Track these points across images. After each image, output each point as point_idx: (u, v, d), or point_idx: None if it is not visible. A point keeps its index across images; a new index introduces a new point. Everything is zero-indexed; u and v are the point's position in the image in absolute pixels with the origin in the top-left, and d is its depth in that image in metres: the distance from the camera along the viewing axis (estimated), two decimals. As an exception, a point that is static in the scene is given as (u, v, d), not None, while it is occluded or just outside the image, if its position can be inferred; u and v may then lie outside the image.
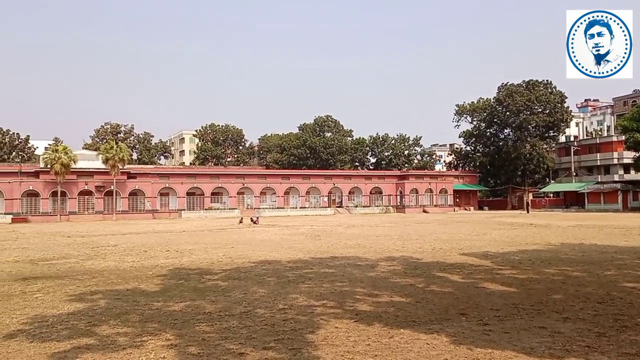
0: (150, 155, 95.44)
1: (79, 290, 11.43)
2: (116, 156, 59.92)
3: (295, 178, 75.61)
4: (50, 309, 9.45)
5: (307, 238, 26.45)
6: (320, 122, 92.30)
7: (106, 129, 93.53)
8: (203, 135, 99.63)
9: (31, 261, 17.51)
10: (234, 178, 72.10)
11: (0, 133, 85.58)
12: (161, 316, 8.77)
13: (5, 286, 12.18)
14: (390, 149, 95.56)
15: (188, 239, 27.08)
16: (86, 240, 27.14)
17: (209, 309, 9.32)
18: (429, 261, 16.03)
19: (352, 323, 8.16)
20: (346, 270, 14.12)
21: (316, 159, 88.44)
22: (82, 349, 6.83)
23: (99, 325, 8.16)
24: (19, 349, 6.89)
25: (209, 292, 11.09)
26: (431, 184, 78.53)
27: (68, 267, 15.82)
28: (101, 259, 17.97)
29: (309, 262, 16.10)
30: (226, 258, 17.55)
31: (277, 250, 20.25)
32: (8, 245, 24.08)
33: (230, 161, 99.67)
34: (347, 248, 20.72)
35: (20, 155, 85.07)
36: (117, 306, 9.60)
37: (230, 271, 14.29)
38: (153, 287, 11.79)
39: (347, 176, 79.98)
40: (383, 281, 12.28)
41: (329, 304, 9.68)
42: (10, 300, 10.36)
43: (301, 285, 11.73)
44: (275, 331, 7.68)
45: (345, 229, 34.62)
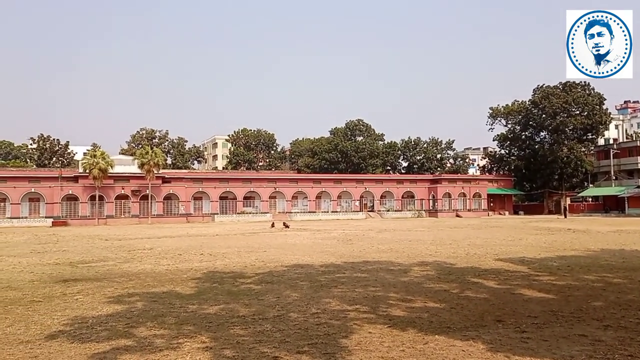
0: (184, 160, 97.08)
1: (117, 293, 11.69)
2: (151, 161, 61.16)
3: (326, 182, 75.70)
4: (89, 311, 9.70)
5: (339, 242, 26.41)
6: (352, 126, 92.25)
7: (142, 134, 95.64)
8: (235, 140, 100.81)
9: (71, 264, 18.00)
10: (266, 182, 72.64)
11: (41, 139, 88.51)
12: (196, 319, 8.89)
13: (46, 288, 12.56)
14: (422, 153, 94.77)
15: (221, 242, 27.38)
16: (123, 243, 27.75)
17: (243, 312, 9.41)
18: (463, 266, 15.79)
19: (385, 328, 8.10)
20: (379, 275, 14.04)
21: (347, 163, 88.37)
22: (120, 350, 6.98)
23: (136, 327, 8.33)
24: (60, 350, 7.09)
25: (243, 295, 11.18)
26: (464, 188, 77.42)
27: (106, 269, 16.21)
28: (137, 261, 18.34)
29: (341, 267, 16.07)
30: (259, 262, 17.67)
31: (310, 254, 20.29)
32: (49, 248, 24.81)
33: (262, 165, 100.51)
34: (380, 252, 20.60)
35: (60, 160, 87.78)
36: (153, 308, 9.78)
37: (263, 275, 14.38)
38: (188, 290, 11.97)
39: (379, 180, 79.61)
40: (416, 286, 12.16)
41: (362, 308, 9.64)
42: (52, 302, 10.68)
43: (334, 290, 11.71)
44: (309, 335, 7.69)
45: (377, 233, 34.44)
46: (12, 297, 11.22)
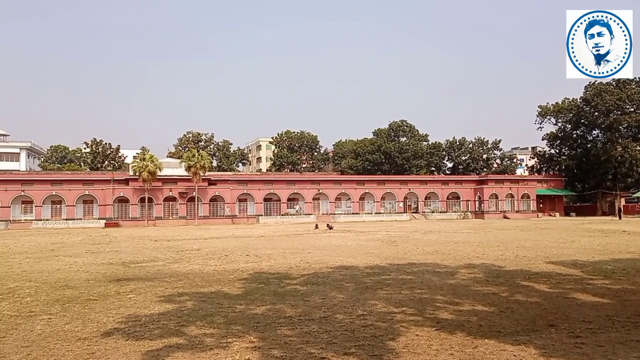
0: (229, 162, 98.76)
1: (168, 292, 12.02)
2: (198, 163, 62.55)
3: (370, 183, 75.40)
4: (142, 309, 10.01)
5: (384, 244, 26.26)
6: (395, 127, 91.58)
7: (188, 137, 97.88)
8: (279, 142, 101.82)
9: (123, 263, 18.63)
10: (310, 184, 73.01)
11: (94, 143, 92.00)
12: (244, 319, 9.03)
13: (101, 287, 13.05)
14: (467, 153, 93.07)
15: (266, 244, 27.71)
16: (171, 244, 28.48)
17: (290, 312, 9.50)
18: (513, 269, 15.41)
19: (433, 331, 8.01)
20: (425, 277, 13.88)
21: (391, 164, 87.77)
22: (172, 348, 7.18)
23: (187, 325, 8.55)
24: (115, 347, 7.36)
25: (289, 296, 11.29)
26: (512, 189, 75.49)
27: (156, 269, 16.69)
28: (186, 262, 18.80)
29: (386, 268, 15.98)
30: (304, 263, 17.78)
31: (354, 255, 20.26)
32: (102, 249, 25.75)
33: (305, 167, 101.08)
34: (425, 254, 20.36)
35: (112, 163, 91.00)
36: (202, 308, 10.01)
37: (309, 276, 14.46)
38: (235, 290, 12.18)
39: (423, 181, 78.65)
40: (464, 289, 11.95)
41: (408, 311, 9.56)
42: (107, 300, 11.09)
43: (379, 292, 11.66)
44: (356, 337, 7.69)
45: (422, 234, 34.04)
46: (70, 296, 11.71)
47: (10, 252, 24.47)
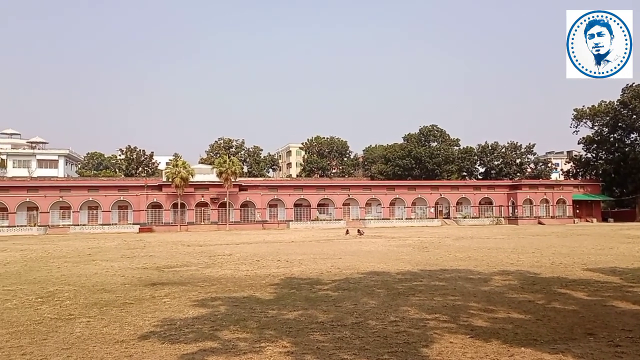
0: (260, 168, 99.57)
1: (201, 297, 12.19)
2: (229, 169, 63.30)
3: (400, 189, 74.92)
4: (177, 313, 10.19)
5: (415, 250, 26.04)
6: (426, 132, 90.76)
7: (219, 143, 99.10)
8: (309, 148, 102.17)
9: (157, 268, 18.98)
10: (340, 189, 73.01)
11: (129, 150, 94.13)
12: (277, 324, 9.09)
13: (137, 291, 13.33)
14: (500, 158, 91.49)
15: (297, 249, 27.81)
16: (204, 249, 28.87)
17: (322, 318, 9.51)
18: (549, 276, 15.08)
19: (467, 339, 7.90)
20: (458, 284, 13.71)
21: (422, 169, 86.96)
22: (207, 352, 7.29)
23: (220, 330, 8.66)
24: (152, 350, 7.51)
25: (320, 301, 11.30)
26: (547, 194, 73.85)
27: (190, 274, 16.94)
28: (218, 267, 19.02)
29: (418, 274, 15.85)
30: (335, 269, 17.78)
31: (385, 261, 20.15)
32: (137, 253, 26.30)
33: (335, 173, 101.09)
34: (457, 260, 20.10)
35: (145, 170, 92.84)
36: (235, 312, 10.12)
37: (340, 282, 14.46)
38: (267, 296, 12.27)
39: (455, 186, 77.72)
40: (498, 296, 11.76)
41: (441, 317, 9.46)
42: (142, 304, 11.31)
43: (412, 298, 11.58)
44: (388, 343, 7.65)
45: (453, 240, 33.62)
46: (107, 299, 12.00)
47: (50, 256, 25.22)
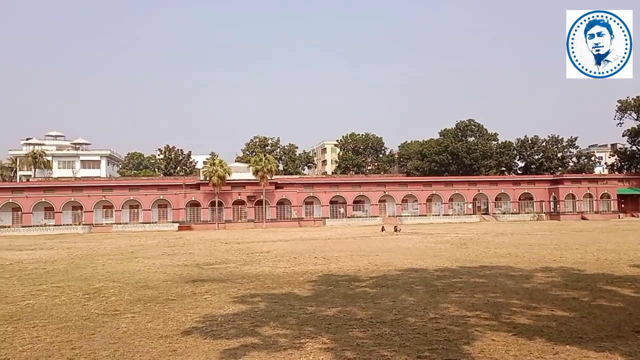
0: (295, 165, 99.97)
1: (240, 293, 12.37)
2: (265, 167, 63.79)
3: (437, 185, 73.95)
4: (217, 309, 10.36)
5: (453, 246, 25.69)
6: (463, 127, 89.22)
7: (255, 142, 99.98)
8: (344, 145, 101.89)
9: (197, 265, 19.33)
10: (375, 186, 72.62)
11: (167, 150, 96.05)
12: (316, 320, 9.14)
13: (178, 287, 13.62)
14: (540, 152, 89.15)
15: (333, 246, 27.84)
16: (241, 246, 29.24)
17: (360, 315, 9.51)
18: (593, 273, 14.64)
19: (510, 336, 7.76)
20: (498, 281, 13.47)
21: (459, 165, 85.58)
22: (248, 347, 7.39)
23: (261, 326, 8.77)
24: (195, 345, 7.67)
25: (359, 298, 11.30)
26: (590, 189, 71.59)
27: (228, 271, 17.20)
28: (256, 264, 19.24)
29: (457, 271, 15.64)
30: (372, 265, 17.73)
31: (423, 258, 19.97)
32: (177, 251, 26.85)
33: (370, 169, 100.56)
34: (497, 257, 19.74)
35: (183, 169, 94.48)
36: (275, 309, 10.22)
37: (377, 278, 14.41)
38: (305, 292, 12.34)
39: (493, 182, 76.15)
40: (541, 293, 11.49)
41: (483, 315, 9.32)
42: (184, 300, 11.56)
43: (451, 295, 11.44)
44: (429, 340, 7.59)
45: (493, 237, 33.01)
46: (150, 296, 12.31)
47: (95, 254, 26.03)
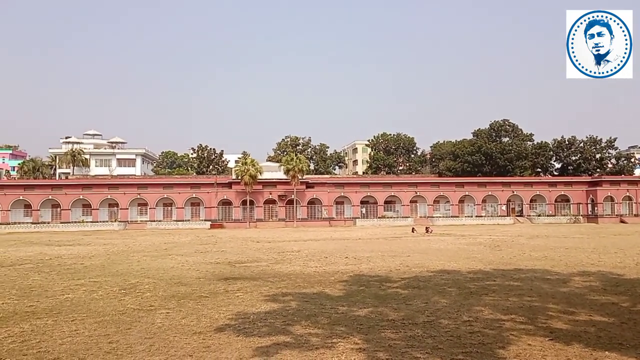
0: (326, 165, 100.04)
1: (272, 292, 12.44)
2: (296, 167, 64.07)
3: (470, 186, 72.90)
4: (249, 307, 10.45)
5: (486, 248, 25.28)
6: (497, 127, 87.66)
7: (286, 141, 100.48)
8: (375, 145, 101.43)
9: (229, 263, 19.55)
10: (407, 186, 72.08)
11: (200, 149, 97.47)
12: (347, 320, 9.12)
13: (211, 285, 13.79)
14: (578, 153, 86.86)
15: (364, 246, 27.75)
16: (273, 245, 29.43)
17: (392, 316, 9.44)
18: (633, 277, 14.20)
19: (546, 341, 7.59)
20: (534, 284, 13.19)
21: (492, 166, 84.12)
22: (280, 346, 7.43)
23: (292, 324, 8.80)
24: (228, 342, 7.75)
25: (390, 299, 11.23)
26: (630, 191, 69.43)
27: (260, 269, 17.33)
28: (287, 263, 19.33)
29: (490, 274, 15.39)
30: (403, 266, 17.60)
31: (455, 260, 19.71)
32: (210, 249, 27.21)
33: (402, 170, 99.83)
34: (533, 260, 19.33)
35: (216, 168, 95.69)
36: (306, 308, 10.24)
37: (409, 280, 14.30)
38: (337, 292, 12.33)
39: (528, 183, 74.60)
40: (578, 298, 11.20)
41: (518, 319, 9.14)
42: (217, 298, 11.70)
43: (485, 298, 11.26)
44: (462, 343, 7.48)
45: (527, 239, 32.34)
46: (184, 292, 12.51)
47: (130, 250, 26.62)
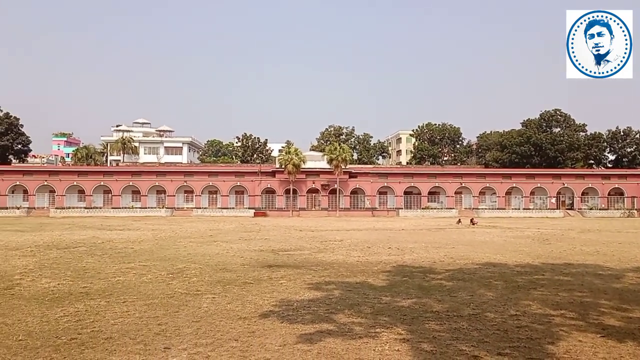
0: (369, 155, 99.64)
1: (315, 280, 12.51)
2: (339, 157, 64.06)
3: (517, 177, 71.01)
4: (293, 295, 10.55)
5: (535, 241, 24.60)
6: (547, 117, 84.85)
7: (330, 131, 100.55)
8: (419, 135, 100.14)
9: (273, 251, 19.78)
10: (451, 177, 70.93)
11: (244, 138, 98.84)
12: (390, 310, 9.08)
13: (255, 271, 14.00)
14: (634, 144, 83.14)
15: (407, 237, 27.51)
16: (315, 234, 29.57)
17: (437, 307, 9.33)
18: (694, 276, 13.50)
19: (598, 338, 7.33)
20: (585, 279, 12.75)
21: (542, 157, 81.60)
22: (324, 334, 7.46)
23: (336, 313, 8.83)
24: (272, 328, 7.86)
25: (434, 291, 11.10)
26: (690, 185, 65.99)
27: (303, 258, 17.46)
28: (330, 252, 19.39)
29: (539, 268, 14.97)
30: (448, 258, 17.36)
31: (502, 252, 19.28)
32: (253, 236, 27.61)
33: (447, 160, 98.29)
34: (584, 255, 18.68)
35: (260, 157, 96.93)
36: (349, 297, 10.25)
37: (454, 271, 14.09)
38: (380, 282, 12.28)
39: (580, 175, 72.03)
40: (633, 294, 10.76)
41: (568, 314, 8.86)
42: (261, 284, 11.87)
43: (533, 292, 10.96)
44: (509, 337, 7.32)
45: (578, 233, 31.27)
46: (229, 278, 12.74)
47: (177, 236, 27.33)
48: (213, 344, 6.97)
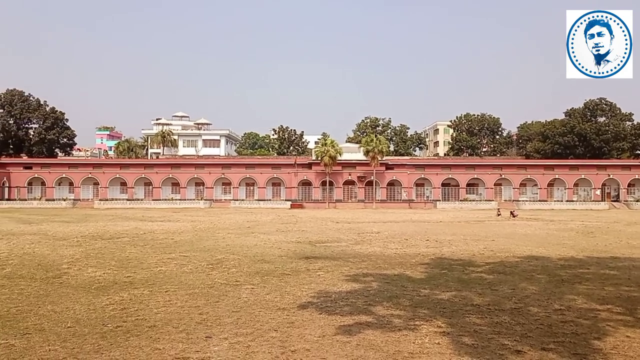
0: (406, 146, 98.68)
1: (353, 272, 12.51)
2: (375, 148, 63.65)
3: (560, 168, 68.98)
4: (331, 286, 10.58)
5: (579, 234, 23.90)
6: (592, 106, 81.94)
7: (366, 122, 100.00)
8: (457, 126, 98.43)
9: (310, 242, 19.86)
10: (491, 169, 69.47)
11: (281, 130, 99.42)
12: (430, 303, 8.99)
13: (292, 263, 14.10)
14: (685, 133, 79.47)
15: (445, 229, 27.16)
16: (352, 226, 29.53)
17: (477, 301, 9.19)
18: None
19: (648, 334, 7.06)
20: (632, 274, 12.32)
21: (586, 148, 78.98)
22: (363, 326, 7.46)
23: (374, 305, 8.80)
24: (311, 319, 7.90)
25: (474, 284, 10.93)
26: None
27: (340, 249, 17.47)
28: (367, 244, 19.34)
29: (584, 261, 14.54)
30: (487, 251, 17.05)
31: (544, 245, 18.81)
32: (290, 228, 27.79)
33: (486, 151, 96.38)
34: (631, 248, 18.03)
35: (296, 149, 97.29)
36: (387, 289, 10.20)
37: (494, 265, 13.83)
38: (418, 275, 12.17)
39: (626, 166, 69.39)
40: (685, 290, 10.32)
41: (615, 309, 8.58)
42: (299, 275, 11.94)
43: (578, 286, 10.66)
44: (553, 332, 7.14)
45: (625, 226, 30.20)
46: (267, 269, 12.88)
47: (216, 227, 27.77)
48: (253, 334, 7.06)
